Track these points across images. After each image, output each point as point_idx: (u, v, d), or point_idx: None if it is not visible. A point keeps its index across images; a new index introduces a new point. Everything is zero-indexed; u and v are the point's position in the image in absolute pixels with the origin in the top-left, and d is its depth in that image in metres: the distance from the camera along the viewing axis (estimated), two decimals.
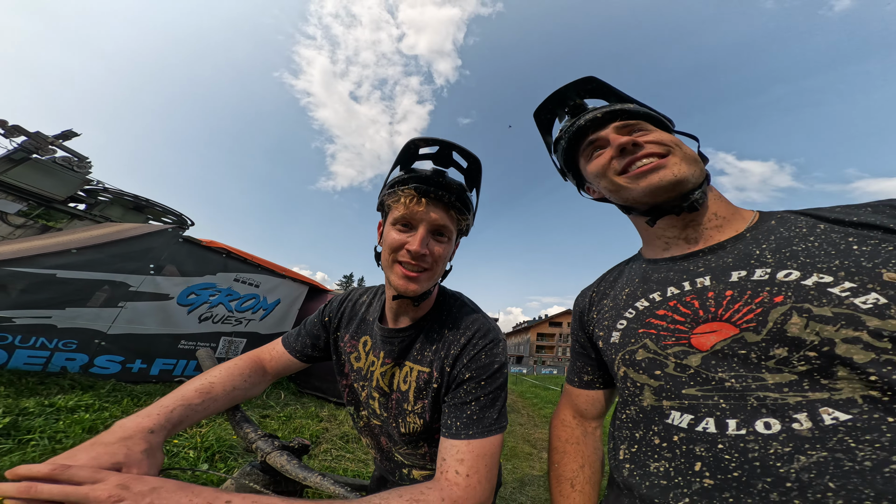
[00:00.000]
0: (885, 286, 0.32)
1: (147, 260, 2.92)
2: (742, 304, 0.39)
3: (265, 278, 3.76)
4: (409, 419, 0.65)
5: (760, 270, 0.40)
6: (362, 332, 0.73)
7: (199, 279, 3.25)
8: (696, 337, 0.40)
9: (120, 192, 5.35)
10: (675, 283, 0.47)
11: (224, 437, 2.33)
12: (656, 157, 0.50)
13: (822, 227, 0.41)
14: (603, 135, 0.55)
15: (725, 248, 0.46)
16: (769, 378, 0.35)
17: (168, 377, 3.30)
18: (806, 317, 0.34)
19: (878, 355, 0.31)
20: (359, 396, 0.74)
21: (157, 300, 3.00)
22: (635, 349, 0.46)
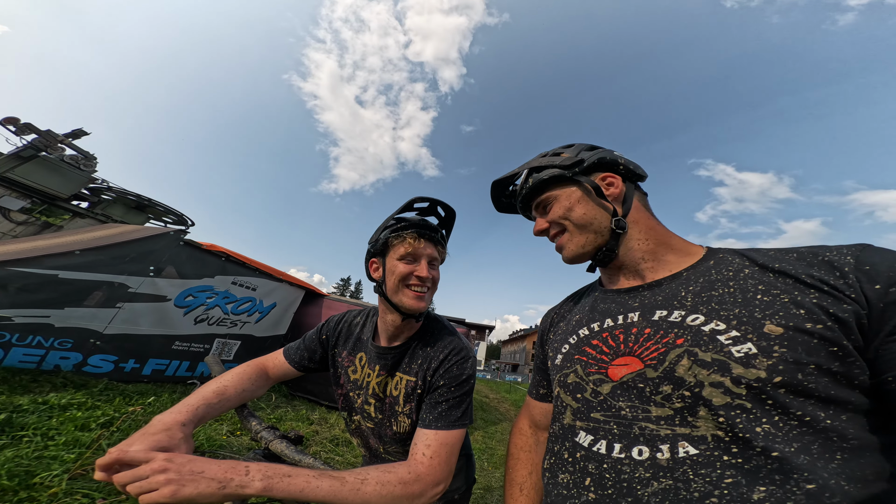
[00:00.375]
0: (762, 337, 0.35)
1: (148, 262, 2.97)
2: (653, 343, 0.42)
3: (262, 282, 3.81)
4: (400, 419, 0.78)
5: (677, 312, 0.43)
6: (358, 350, 0.87)
7: (198, 281, 3.30)
8: (612, 368, 0.45)
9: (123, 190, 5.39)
10: (612, 316, 0.51)
11: (214, 437, 2.40)
12: (558, 235, 0.59)
13: (747, 272, 0.43)
14: (533, 215, 0.65)
15: (662, 285, 0.50)
16: (654, 411, 0.39)
17: (160, 377, 3.31)
18: (692, 360, 0.38)
19: (732, 399, 0.34)
20: (353, 403, 0.86)
21: (155, 301, 3.04)
22: (568, 373, 0.51)
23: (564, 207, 0.57)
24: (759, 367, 0.34)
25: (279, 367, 0.85)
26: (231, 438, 2.56)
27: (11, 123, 5.03)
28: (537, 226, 0.62)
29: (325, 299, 4.44)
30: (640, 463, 0.37)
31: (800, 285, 0.38)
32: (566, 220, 0.57)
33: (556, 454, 0.47)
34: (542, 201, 0.61)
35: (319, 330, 0.91)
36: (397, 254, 0.74)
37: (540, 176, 0.60)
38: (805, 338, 0.34)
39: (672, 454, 0.35)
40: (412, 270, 0.73)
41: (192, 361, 3.50)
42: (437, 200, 0.81)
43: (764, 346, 0.35)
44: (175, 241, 3.15)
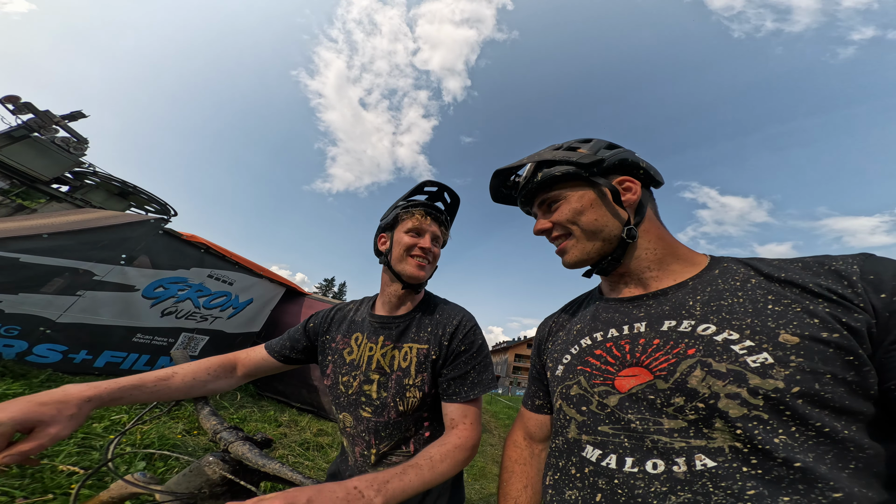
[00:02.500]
0: (778, 346, 0.34)
1: (121, 250, 2.80)
2: (662, 353, 0.41)
3: (241, 276, 3.64)
4: (408, 395, 0.73)
5: (687, 322, 0.42)
6: (354, 331, 0.84)
7: (171, 273, 3.11)
8: (620, 379, 0.43)
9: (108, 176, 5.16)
10: (616, 326, 0.49)
11: (167, 435, 2.21)
12: (561, 237, 0.54)
13: (754, 282, 0.42)
14: (533, 211, 0.60)
15: (668, 294, 0.47)
16: (666, 423, 0.37)
17: (114, 370, 3.01)
18: (705, 371, 0.36)
19: (749, 411, 0.33)
20: (347, 390, 0.78)
21: (121, 291, 2.83)
22: (571, 384, 0.48)
23: (574, 210, 0.52)
24: (776, 377, 0.33)
25: (253, 360, 0.79)
26: (186, 437, 2.35)
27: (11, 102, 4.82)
28: (539, 225, 0.56)
29: (306, 298, 4.27)
30: (656, 477, 0.35)
31: (808, 295, 0.37)
32: (573, 225, 0.52)
33: (561, 469, 0.45)
34: (549, 199, 0.55)
35: (305, 322, 0.89)
36: (405, 227, 0.80)
37: (551, 172, 0.53)
38: (821, 347, 0.33)
39: (689, 467, 0.33)
40: (416, 242, 0.78)
41: (153, 355, 3.22)
42: (446, 186, 0.86)
43: (780, 355, 0.34)
44: (154, 230, 2.99)
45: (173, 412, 2.67)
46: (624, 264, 0.52)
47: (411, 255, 0.78)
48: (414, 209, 0.81)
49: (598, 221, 0.51)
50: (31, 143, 4.82)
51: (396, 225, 0.82)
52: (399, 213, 0.82)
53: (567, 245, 0.54)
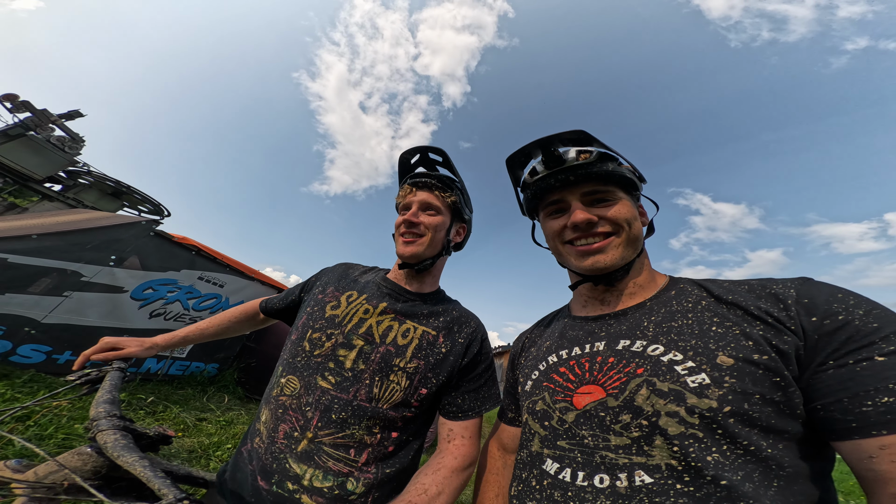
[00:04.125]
0: (715, 368, 0.36)
1: (110, 251, 2.80)
2: (616, 372, 0.42)
3: (232, 279, 3.65)
4: (392, 378, 0.59)
5: (639, 342, 0.43)
6: (349, 287, 0.74)
7: (161, 274, 3.11)
8: (577, 396, 0.44)
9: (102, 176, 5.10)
10: (580, 344, 0.50)
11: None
12: (602, 236, 0.52)
13: (704, 304, 0.43)
14: (568, 199, 0.54)
15: (627, 315, 0.49)
16: (613, 440, 0.38)
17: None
18: (650, 389, 0.38)
19: (686, 429, 0.34)
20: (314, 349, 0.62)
21: (109, 292, 2.82)
22: (537, 400, 0.49)
23: (630, 214, 0.52)
24: (711, 396, 0.34)
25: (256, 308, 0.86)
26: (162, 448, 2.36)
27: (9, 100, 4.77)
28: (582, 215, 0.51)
29: None
30: (602, 491, 0.37)
31: (748, 317, 0.38)
32: (627, 226, 0.51)
33: (524, 481, 0.46)
34: (602, 193, 0.53)
35: (308, 279, 0.85)
36: (398, 207, 0.76)
37: (620, 170, 0.53)
38: (752, 368, 0.35)
39: (629, 483, 0.35)
40: (402, 218, 0.73)
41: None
42: (423, 148, 0.76)
43: (716, 376, 0.35)
44: (145, 232, 3.00)
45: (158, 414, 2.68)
46: (625, 278, 0.53)
47: (399, 232, 0.73)
48: (402, 187, 0.76)
49: (640, 232, 0.53)
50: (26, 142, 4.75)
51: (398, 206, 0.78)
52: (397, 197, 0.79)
53: (611, 243, 0.52)
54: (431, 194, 0.74)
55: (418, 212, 0.72)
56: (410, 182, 0.75)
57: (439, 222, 0.73)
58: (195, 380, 3.64)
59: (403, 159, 0.78)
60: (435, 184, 0.74)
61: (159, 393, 3.13)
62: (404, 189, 0.75)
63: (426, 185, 0.74)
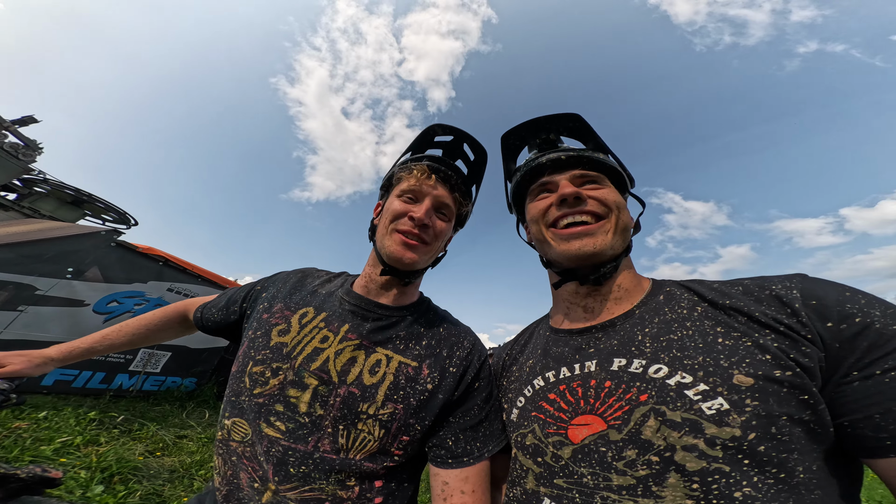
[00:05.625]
0: (732, 389, 0.32)
1: (67, 263, 2.70)
2: (616, 399, 0.38)
3: (204, 290, 3.56)
4: (361, 427, 0.47)
5: (637, 362, 0.39)
6: (303, 303, 0.58)
7: (127, 287, 3.02)
8: (573, 428, 0.40)
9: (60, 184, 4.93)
10: (567, 364, 0.46)
11: (126, 457, 2.13)
12: (591, 217, 0.49)
13: (700, 310, 0.40)
14: (556, 179, 0.52)
15: (615, 326, 0.45)
16: (615, 479, 0.35)
17: (65, 388, 2.89)
18: (659, 420, 0.34)
19: (709, 464, 0.31)
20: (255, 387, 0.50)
21: (69, 306, 2.73)
22: (526, 433, 0.45)
23: (620, 201, 0.51)
24: (732, 424, 0.31)
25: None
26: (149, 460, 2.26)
27: None
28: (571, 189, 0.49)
29: None
30: None
31: (755, 325, 0.36)
32: (617, 210, 0.49)
33: None
34: (592, 177, 0.52)
35: (254, 283, 0.68)
36: (399, 189, 0.58)
37: (610, 161, 0.53)
38: (775, 387, 0.32)
39: None
40: (407, 210, 0.56)
41: (109, 373, 3.10)
42: (466, 134, 0.60)
43: (735, 399, 0.32)
44: (105, 242, 2.90)
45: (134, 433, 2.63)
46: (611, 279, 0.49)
47: (398, 228, 0.56)
48: (415, 164, 0.59)
49: (629, 223, 0.51)
50: None
51: (392, 188, 0.61)
52: (395, 171, 0.61)
53: (599, 228, 0.48)
54: (451, 194, 0.60)
55: (431, 211, 0.57)
56: (432, 166, 0.58)
57: (446, 230, 0.60)
58: (172, 395, 3.57)
59: (431, 132, 0.62)
60: (460, 184, 0.61)
61: (134, 410, 3.05)
62: (419, 170, 0.57)
63: (449, 179, 0.59)
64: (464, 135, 0.61)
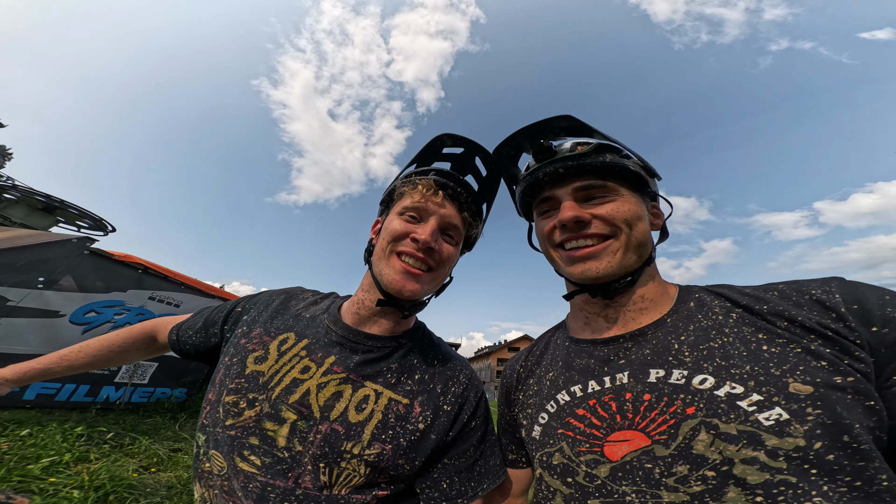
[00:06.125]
0: (790, 399, 0.31)
1: (37, 272, 2.57)
2: (658, 413, 0.37)
3: (188, 297, 3.47)
4: (345, 466, 0.44)
5: (678, 372, 0.38)
6: (284, 328, 0.54)
7: (104, 296, 2.90)
8: (610, 445, 0.38)
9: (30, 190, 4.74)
10: (595, 376, 0.44)
11: (120, 474, 2.04)
12: (596, 238, 0.45)
13: (736, 317, 0.39)
14: (558, 194, 0.49)
15: (646, 335, 0.43)
16: (665, 496, 0.33)
17: (48, 403, 2.80)
18: (713, 434, 0.33)
19: (773, 476, 0.30)
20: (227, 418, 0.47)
21: (43, 317, 2.62)
22: (552, 451, 0.43)
23: (632, 213, 0.45)
24: (795, 434, 0.30)
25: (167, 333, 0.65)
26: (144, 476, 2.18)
27: None
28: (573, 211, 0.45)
29: None
30: None
31: (799, 330, 0.35)
32: (628, 228, 0.44)
33: None
34: (598, 188, 0.46)
35: (235, 303, 0.63)
36: (401, 206, 0.53)
37: (622, 161, 0.46)
38: (839, 394, 0.31)
39: None
40: (409, 231, 0.50)
41: (94, 385, 3.02)
42: (477, 146, 0.54)
43: (795, 409, 0.31)
44: (77, 250, 2.77)
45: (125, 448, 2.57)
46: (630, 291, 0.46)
47: (399, 250, 0.51)
48: (420, 178, 0.53)
49: (646, 236, 0.47)
50: None
51: (393, 204, 0.56)
52: (397, 185, 0.55)
53: (607, 248, 0.45)
54: (460, 213, 0.54)
55: (438, 232, 0.52)
56: (439, 180, 0.53)
57: (454, 255, 0.55)
58: (163, 407, 3.50)
59: (439, 142, 0.55)
60: (470, 202, 0.55)
61: (124, 424, 2.98)
62: (424, 184, 0.52)
63: (458, 196, 0.54)
64: (476, 147, 0.56)
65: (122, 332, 0.68)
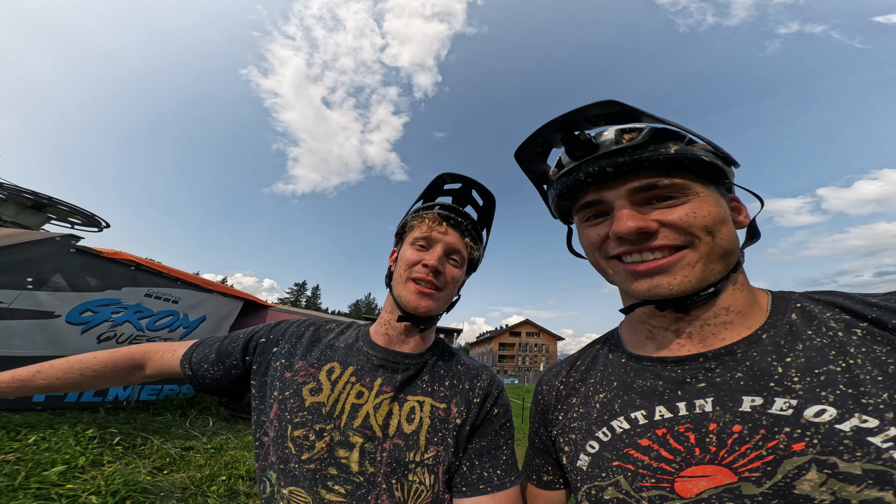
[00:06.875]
0: None
1: (24, 272, 2.48)
2: (750, 448, 0.32)
3: (186, 293, 3.40)
4: (412, 478, 0.50)
5: (782, 401, 0.32)
6: (326, 359, 0.59)
7: (99, 294, 2.83)
8: (682, 482, 0.34)
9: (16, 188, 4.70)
10: (666, 402, 0.38)
11: (134, 477, 2.03)
12: (667, 251, 0.38)
13: (861, 332, 0.33)
14: (608, 198, 0.40)
15: (736, 355, 0.36)
16: None
17: (58, 404, 2.82)
18: (826, 473, 0.28)
19: None
20: (302, 452, 0.50)
21: (39, 318, 2.56)
22: (604, 486, 0.38)
23: (713, 216, 0.36)
24: None
25: (168, 364, 0.63)
26: (158, 478, 2.17)
27: None
28: (635, 221, 0.37)
29: (269, 311, 4.10)
30: None
31: None
32: (709, 235, 0.36)
33: None
34: (664, 187, 0.38)
35: (255, 331, 0.64)
36: (412, 237, 0.63)
37: (692, 150, 0.37)
38: None
39: None
40: (420, 259, 0.59)
41: None
42: (473, 181, 0.66)
43: None
44: (63, 248, 2.66)
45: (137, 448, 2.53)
46: (708, 305, 0.39)
47: (412, 276, 0.59)
48: (426, 212, 0.63)
49: (734, 240, 0.38)
50: None
51: (405, 236, 0.65)
52: (408, 219, 0.65)
53: (682, 259, 0.37)
54: (462, 239, 0.63)
55: (443, 257, 0.61)
56: (442, 213, 0.62)
57: (459, 276, 0.63)
58: (172, 404, 3.55)
59: (440, 181, 0.67)
60: (470, 230, 0.64)
61: (135, 423, 3.02)
62: (430, 217, 0.62)
63: (459, 225, 0.63)
64: (471, 182, 0.66)
65: (103, 354, 0.62)
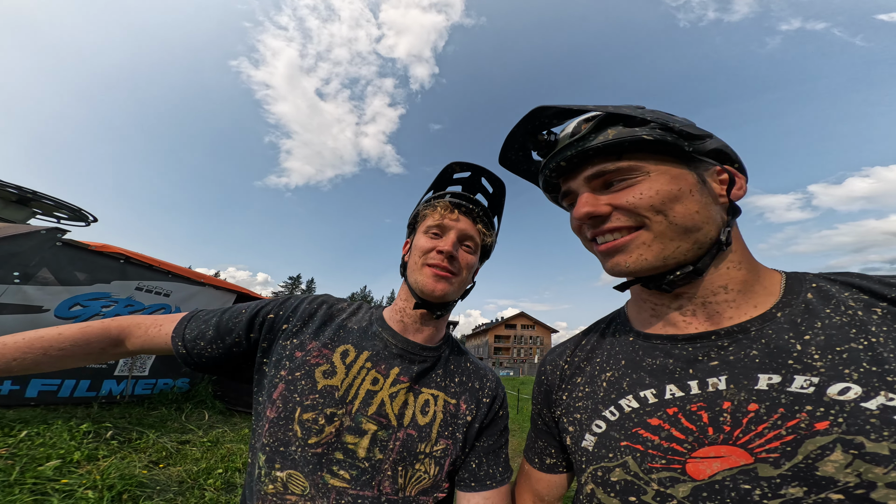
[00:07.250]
0: None
1: (10, 267, 2.46)
2: (768, 427, 0.31)
3: (178, 286, 3.39)
4: (418, 467, 0.51)
5: (803, 378, 0.31)
6: (339, 340, 0.58)
7: (88, 288, 2.82)
8: (695, 462, 0.33)
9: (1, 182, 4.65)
10: (677, 380, 0.37)
11: (130, 471, 2.03)
12: (623, 231, 0.39)
13: (881, 312, 0.32)
14: (573, 188, 0.43)
15: (749, 332, 0.36)
16: None
17: (51, 399, 2.83)
18: (853, 454, 0.28)
19: None
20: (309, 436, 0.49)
21: (27, 313, 2.56)
22: (611, 467, 0.38)
23: (665, 194, 0.37)
24: None
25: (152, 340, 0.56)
26: (154, 472, 2.18)
27: None
28: (587, 206, 0.39)
29: None
30: None
31: None
32: (658, 214, 0.37)
33: None
34: (614, 171, 0.39)
35: (260, 305, 0.60)
36: (425, 226, 0.63)
37: (634, 132, 0.37)
38: None
39: None
40: (434, 245, 0.60)
41: (94, 379, 3.04)
42: (482, 169, 0.66)
43: None
44: (48, 242, 2.63)
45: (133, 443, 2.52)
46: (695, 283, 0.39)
47: (428, 262, 0.59)
48: (438, 201, 0.63)
49: (698, 215, 0.37)
50: None
51: (418, 225, 0.65)
52: (420, 209, 0.66)
53: (634, 241, 0.38)
54: (474, 226, 0.64)
55: (457, 243, 0.61)
56: (453, 201, 0.63)
57: (473, 262, 0.64)
58: (167, 398, 3.57)
59: (450, 170, 0.68)
60: (481, 216, 0.64)
61: (130, 417, 3.03)
62: (442, 206, 0.62)
63: (471, 212, 0.64)
64: (481, 169, 0.67)
65: (69, 331, 0.53)
